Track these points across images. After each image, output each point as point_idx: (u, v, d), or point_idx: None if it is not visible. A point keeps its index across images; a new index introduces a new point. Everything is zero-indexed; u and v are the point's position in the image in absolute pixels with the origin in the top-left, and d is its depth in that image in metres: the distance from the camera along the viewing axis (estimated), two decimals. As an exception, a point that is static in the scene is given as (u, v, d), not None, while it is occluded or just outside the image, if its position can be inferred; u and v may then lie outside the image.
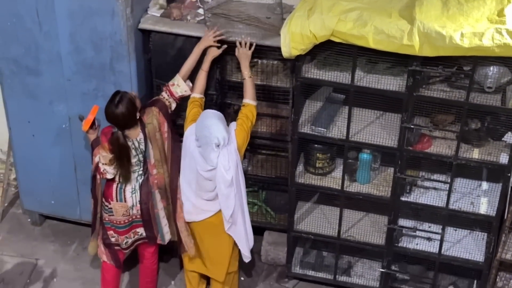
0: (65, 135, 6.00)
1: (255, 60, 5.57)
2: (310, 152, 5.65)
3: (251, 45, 5.30)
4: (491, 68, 4.86)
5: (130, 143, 5.23)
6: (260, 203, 6.30)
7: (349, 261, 6.10)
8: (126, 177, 5.34)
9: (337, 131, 5.43)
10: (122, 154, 5.23)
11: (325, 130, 5.43)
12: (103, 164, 5.28)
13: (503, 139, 5.24)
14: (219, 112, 5.25)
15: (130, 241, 5.52)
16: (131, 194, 5.37)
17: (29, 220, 6.62)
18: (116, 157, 5.24)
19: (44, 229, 6.61)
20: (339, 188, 5.62)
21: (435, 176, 5.57)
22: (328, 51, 5.05)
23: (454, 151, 5.23)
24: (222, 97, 5.71)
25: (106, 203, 5.39)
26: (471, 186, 5.59)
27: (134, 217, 5.43)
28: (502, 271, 5.89)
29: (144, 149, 5.30)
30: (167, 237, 5.60)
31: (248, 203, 6.23)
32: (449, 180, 5.37)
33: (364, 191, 5.63)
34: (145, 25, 5.53)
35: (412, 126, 5.19)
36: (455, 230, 5.77)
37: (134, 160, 5.30)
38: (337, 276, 6.03)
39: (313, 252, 6.19)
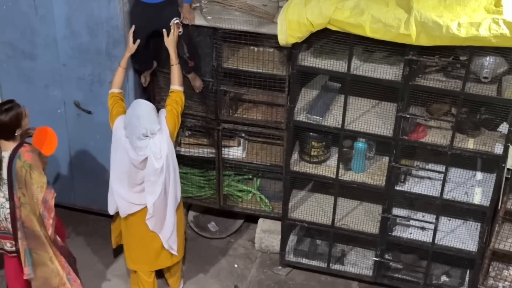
0: (60, 120, 5.99)
1: (251, 47, 5.56)
2: (305, 140, 5.65)
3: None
4: (488, 58, 4.86)
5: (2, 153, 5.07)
6: (255, 191, 6.31)
7: (342, 249, 6.12)
8: None
9: (332, 119, 5.43)
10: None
11: (321, 118, 5.42)
12: None
13: (498, 129, 5.26)
14: (150, 103, 5.23)
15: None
16: (2, 206, 5.18)
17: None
18: None
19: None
20: (334, 176, 5.62)
21: (429, 166, 5.58)
22: (325, 39, 5.05)
23: (449, 140, 5.23)
24: (218, 83, 5.68)
25: None
26: (466, 176, 5.60)
27: (2, 228, 5.26)
28: (495, 261, 5.91)
29: (7, 170, 5.06)
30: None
31: (242, 191, 6.29)
32: (443, 170, 5.38)
33: (359, 180, 5.63)
34: (141, 10, 5.52)
35: (407, 116, 5.19)
36: (449, 220, 5.79)
37: (1, 172, 5.13)
38: (330, 264, 6.04)
39: (307, 240, 6.20)
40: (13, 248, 5.25)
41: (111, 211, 5.52)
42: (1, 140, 5.02)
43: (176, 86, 5.31)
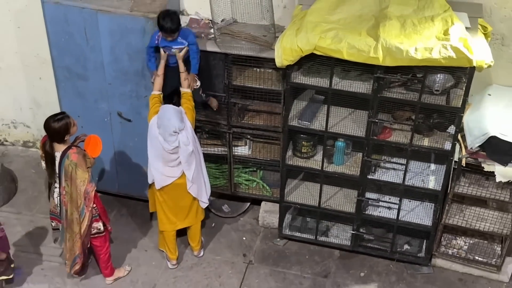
0: (107, 126, 5.99)
1: (255, 68, 5.56)
2: (297, 140, 5.64)
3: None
4: (439, 75, 4.86)
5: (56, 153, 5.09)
6: (258, 180, 6.30)
7: (327, 225, 6.11)
8: (50, 176, 5.22)
9: (318, 124, 5.43)
10: (47, 157, 5.13)
11: (309, 123, 5.42)
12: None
13: (447, 130, 5.26)
14: (176, 107, 5.26)
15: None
16: (58, 196, 5.25)
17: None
18: (44, 158, 5.17)
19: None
20: (320, 168, 5.61)
21: (394, 159, 5.57)
22: (312, 61, 5.04)
23: (409, 140, 5.23)
24: (229, 97, 5.68)
25: None
26: (422, 167, 5.59)
27: (56, 212, 5.37)
28: (445, 233, 5.92)
29: (58, 166, 5.10)
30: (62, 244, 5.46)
31: (248, 180, 6.28)
32: (405, 163, 5.38)
33: (339, 171, 5.62)
34: (169, 41, 5.52)
35: (376, 121, 5.19)
36: (409, 201, 5.77)
37: (55, 168, 5.13)
38: (317, 236, 6.03)
39: (299, 218, 6.20)
40: (57, 227, 5.40)
41: (149, 180, 5.53)
42: (55, 143, 5.04)
43: (185, 89, 5.35)
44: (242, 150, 6.08)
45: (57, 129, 4.98)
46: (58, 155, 5.06)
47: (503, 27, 5.25)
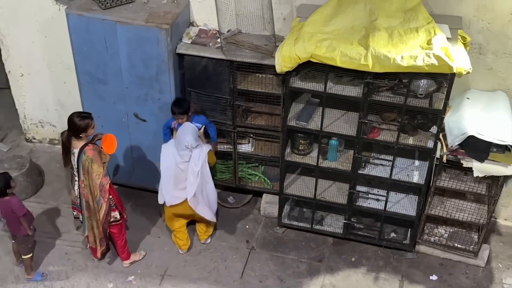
0: (124, 126, 5.99)
1: (257, 74, 5.56)
2: (295, 139, 5.65)
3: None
4: (422, 81, 4.86)
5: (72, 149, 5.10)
6: (260, 174, 6.30)
7: (321, 215, 6.11)
8: (65, 163, 5.24)
9: (314, 124, 5.42)
10: (63, 148, 5.17)
11: (306, 123, 5.42)
12: None
13: (430, 130, 5.25)
14: (195, 126, 5.41)
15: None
16: (77, 187, 5.24)
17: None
18: (61, 146, 5.21)
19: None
20: (315, 164, 5.61)
21: (382, 156, 5.57)
22: (308, 68, 5.04)
23: (396, 138, 5.23)
24: (234, 100, 5.68)
25: None
26: (407, 163, 5.59)
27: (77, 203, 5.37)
28: (428, 222, 5.93)
29: (76, 161, 5.10)
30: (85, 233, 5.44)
31: (251, 174, 6.29)
32: (391, 159, 5.38)
33: (333, 166, 5.62)
34: (180, 50, 5.52)
35: (366, 121, 5.19)
36: (396, 194, 5.78)
37: (73, 163, 5.16)
38: (313, 225, 6.04)
39: (296, 208, 6.20)
40: (78, 216, 5.43)
41: (160, 201, 5.60)
42: (73, 139, 5.05)
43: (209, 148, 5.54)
44: (246, 147, 6.08)
45: (77, 125, 5.00)
46: (76, 151, 5.06)
47: (480, 38, 5.25)
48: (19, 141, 7.25)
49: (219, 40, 5.51)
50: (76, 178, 5.20)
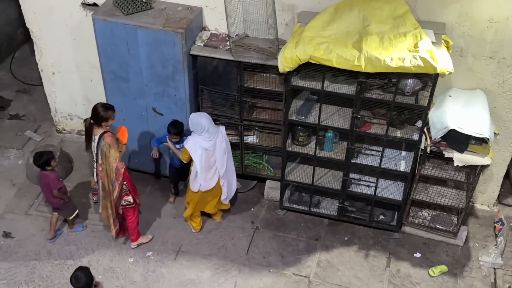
0: (144, 119, 5.97)
1: (262, 74, 5.52)
2: (295, 131, 5.61)
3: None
4: (409, 80, 4.82)
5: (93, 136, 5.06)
6: (264, 163, 6.27)
7: (318, 199, 6.09)
8: (86, 147, 5.18)
9: (312, 118, 5.39)
10: (86, 133, 5.11)
11: (305, 118, 5.39)
12: None
13: (415, 124, 5.22)
14: (209, 116, 5.37)
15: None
16: (96, 174, 5.24)
17: (121, 171, 6.62)
18: (84, 131, 5.15)
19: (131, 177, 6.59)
20: (313, 154, 5.59)
21: (373, 147, 5.54)
22: (308, 68, 5.00)
23: (385, 131, 5.19)
24: (241, 96, 5.65)
25: None
26: (395, 154, 5.56)
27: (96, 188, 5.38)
28: (413, 206, 5.90)
29: (96, 147, 5.07)
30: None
31: (256, 163, 6.27)
32: (381, 150, 5.35)
33: (329, 156, 5.59)
34: (194, 51, 5.48)
35: (359, 116, 5.15)
36: (385, 181, 5.75)
37: (92, 149, 5.12)
38: (311, 208, 6.02)
39: (296, 193, 6.18)
40: (97, 200, 5.42)
41: (196, 189, 5.52)
42: (94, 127, 5.03)
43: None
44: (251, 139, 6.05)
45: (99, 114, 4.99)
46: (96, 138, 5.04)
47: (462, 42, 5.20)
48: (51, 132, 7.24)
49: (228, 43, 5.47)
50: (95, 165, 5.17)
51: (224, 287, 5.41)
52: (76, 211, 5.72)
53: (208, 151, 5.34)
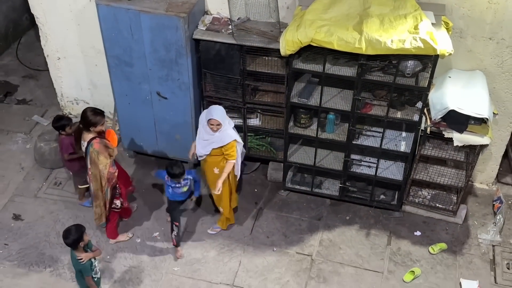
0: (148, 103, 5.98)
1: (264, 57, 5.52)
2: (297, 113, 5.63)
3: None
4: (409, 62, 4.81)
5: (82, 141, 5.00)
6: (267, 145, 6.29)
7: (320, 180, 6.12)
8: (78, 149, 5.14)
9: (314, 101, 5.40)
10: (74, 136, 5.14)
11: (307, 100, 5.40)
12: None
13: (416, 105, 5.22)
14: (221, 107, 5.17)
15: None
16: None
17: (127, 154, 6.66)
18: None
19: (136, 159, 6.64)
20: (315, 135, 5.60)
21: (373, 128, 5.55)
22: (309, 51, 5.00)
23: (386, 113, 5.19)
24: (244, 79, 5.64)
25: None
26: (395, 134, 5.57)
27: None
28: (413, 185, 5.93)
29: (85, 152, 4.97)
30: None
31: (259, 145, 6.28)
32: (382, 131, 5.36)
33: (330, 137, 5.61)
34: (196, 36, 5.47)
35: (360, 98, 5.16)
36: (385, 161, 5.77)
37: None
38: (313, 188, 6.05)
39: (298, 174, 6.21)
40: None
41: (239, 173, 5.39)
42: (84, 132, 4.95)
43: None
44: (254, 121, 6.06)
45: (88, 118, 4.88)
46: (84, 143, 4.97)
47: (461, 23, 5.17)
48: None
49: (230, 27, 5.45)
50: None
51: (229, 266, 5.48)
52: (88, 185, 5.75)
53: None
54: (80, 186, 5.87)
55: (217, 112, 5.09)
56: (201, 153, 5.26)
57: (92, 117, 4.93)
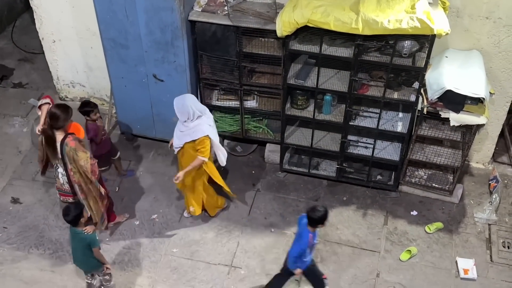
0: (144, 85, 5.93)
1: (260, 38, 5.45)
2: (294, 95, 5.59)
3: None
4: (406, 42, 4.77)
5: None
6: (264, 127, 6.26)
7: (317, 161, 6.11)
8: (52, 158, 4.93)
9: (310, 82, 5.36)
10: (47, 143, 4.83)
11: (303, 81, 5.35)
12: None
13: (412, 86, 5.19)
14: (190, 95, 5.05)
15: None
16: (62, 176, 4.99)
17: (124, 138, 6.61)
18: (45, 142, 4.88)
19: (134, 143, 6.60)
20: (312, 117, 5.57)
21: (370, 109, 5.53)
22: (305, 32, 4.95)
23: (382, 93, 5.16)
24: (240, 61, 5.59)
25: None
26: (392, 115, 5.55)
27: (65, 190, 5.09)
28: (409, 166, 5.93)
29: (60, 153, 4.82)
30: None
31: (256, 127, 6.26)
32: (378, 111, 5.33)
33: (327, 119, 5.58)
34: (192, 17, 5.39)
35: (356, 79, 5.12)
36: (382, 142, 5.75)
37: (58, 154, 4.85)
38: (310, 170, 6.04)
39: (296, 156, 6.19)
40: (72, 200, 5.11)
41: (224, 164, 5.28)
42: (55, 133, 4.79)
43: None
44: (251, 103, 6.02)
45: (59, 116, 4.68)
46: (58, 145, 4.82)
47: (458, 2, 5.11)
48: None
49: (226, 8, 5.38)
50: (59, 170, 4.96)
51: (227, 247, 5.49)
52: (107, 167, 5.90)
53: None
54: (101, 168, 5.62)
55: (177, 102, 4.85)
56: (177, 144, 5.12)
57: (62, 113, 4.70)
